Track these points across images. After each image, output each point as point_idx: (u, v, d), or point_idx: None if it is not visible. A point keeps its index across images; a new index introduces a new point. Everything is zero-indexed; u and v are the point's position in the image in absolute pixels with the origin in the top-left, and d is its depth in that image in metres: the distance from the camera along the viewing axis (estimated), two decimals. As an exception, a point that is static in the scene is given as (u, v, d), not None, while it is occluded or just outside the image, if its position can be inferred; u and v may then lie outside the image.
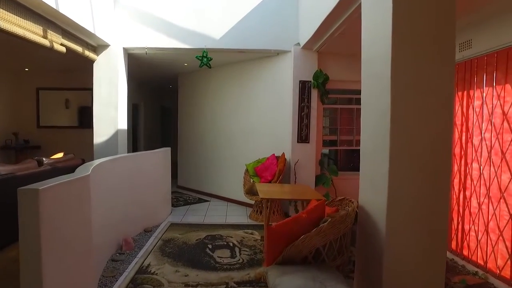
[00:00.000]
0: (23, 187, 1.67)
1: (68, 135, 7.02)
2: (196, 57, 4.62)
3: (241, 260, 3.19)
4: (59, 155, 4.14)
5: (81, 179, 2.19)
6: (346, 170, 4.93)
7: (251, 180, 4.87)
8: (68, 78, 6.92)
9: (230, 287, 2.66)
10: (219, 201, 5.86)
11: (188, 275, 2.86)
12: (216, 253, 3.37)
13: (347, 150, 5.17)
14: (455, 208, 3.28)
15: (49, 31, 3.35)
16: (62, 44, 3.64)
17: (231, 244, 3.63)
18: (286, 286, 1.68)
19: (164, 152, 4.70)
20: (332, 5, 3.04)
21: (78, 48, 4.01)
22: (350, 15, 3.07)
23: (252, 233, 4.02)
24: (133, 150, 7.65)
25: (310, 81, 4.60)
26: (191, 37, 4.63)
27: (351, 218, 2.10)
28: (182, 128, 7.02)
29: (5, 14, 2.73)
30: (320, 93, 4.68)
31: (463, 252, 3.15)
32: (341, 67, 4.66)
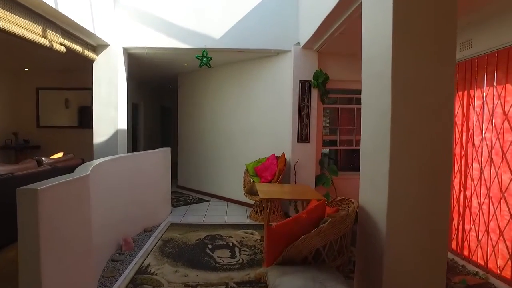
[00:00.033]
0: (22, 187, 1.67)
1: (68, 135, 7.02)
2: (196, 57, 4.62)
3: (241, 260, 3.19)
4: (59, 155, 4.13)
5: (81, 179, 2.18)
6: (346, 170, 4.93)
7: (251, 180, 4.86)
8: (68, 78, 6.91)
9: (230, 288, 2.66)
10: (219, 201, 5.85)
11: (188, 275, 2.86)
12: (216, 253, 3.36)
13: (347, 150, 5.16)
14: (456, 208, 3.27)
15: (49, 31, 3.34)
16: (62, 44, 3.63)
17: (231, 244, 3.62)
18: (286, 287, 1.68)
19: (164, 152, 4.70)
20: (332, 5, 3.03)
21: (78, 48, 4.00)
22: (350, 15, 3.07)
23: (252, 233, 4.02)
24: (133, 150, 7.65)
25: (310, 81, 4.59)
26: (191, 37, 4.62)
27: (351, 218, 2.09)
28: (182, 128, 7.01)
29: (4, 14, 2.72)
30: (320, 93, 4.68)
31: (464, 252, 3.14)
32: (341, 67, 4.65)
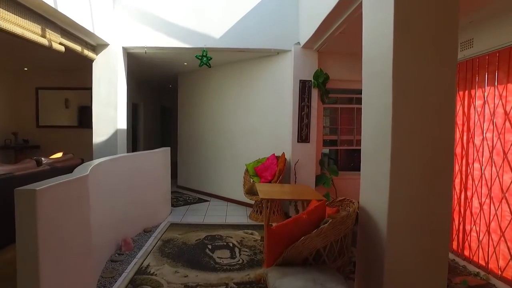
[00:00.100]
0: (20, 188, 1.65)
1: (68, 135, 7.00)
2: (196, 57, 4.60)
3: (241, 261, 3.18)
4: (58, 155, 4.11)
5: (80, 179, 2.17)
6: (347, 170, 4.92)
7: (251, 180, 4.85)
8: (68, 78, 6.89)
9: (230, 288, 2.65)
10: (219, 201, 5.84)
11: (188, 276, 2.84)
12: (216, 254, 3.35)
13: (348, 150, 5.15)
14: (456, 208, 3.26)
15: (48, 30, 3.33)
16: (61, 43, 3.62)
17: (231, 245, 3.61)
18: (286, 288, 1.66)
19: (164, 152, 4.68)
20: (333, 4, 3.02)
21: (77, 47, 3.99)
22: (351, 14, 3.05)
23: (252, 233, 4.01)
24: (133, 150, 7.63)
25: (311, 81, 4.58)
26: (191, 37, 4.61)
27: (352, 219, 2.08)
28: (182, 128, 7.00)
29: (4, 13, 2.71)
30: (321, 93, 4.67)
31: (464, 253, 3.13)
32: (342, 67, 4.64)
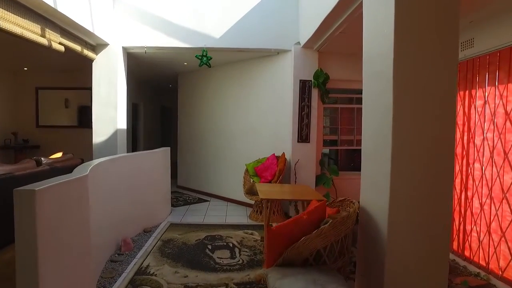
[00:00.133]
0: (19, 188, 1.65)
1: (68, 135, 6.99)
2: (196, 57, 4.59)
3: (241, 261, 3.17)
4: (58, 155, 4.10)
5: (79, 180, 2.16)
6: (347, 170, 4.91)
7: (251, 180, 4.84)
8: (68, 78, 6.88)
9: (230, 289, 2.64)
10: (219, 201, 5.83)
11: (188, 276, 2.84)
12: (216, 254, 3.34)
13: (348, 150, 5.14)
14: (457, 209, 3.25)
15: (48, 30, 3.32)
16: (61, 43, 3.61)
17: (231, 245, 3.60)
18: (287, 289, 1.66)
19: (164, 152, 4.68)
20: (333, 4, 3.01)
21: (77, 47, 3.98)
22: (351, 14, 3.05)
23: (252, 234, 4.00)
24: (133, 150, 7.62)
25: (311, 81, 4.57)
26: (191, 36, 4.60)
27: (352, 220, 2.07)
28: (182, 128, 6.99)
29: (3, 13, 2.70)
30: (321, 93, 4.66)
31: (465, 253, 3.12)
32: (342, 66, 4.63)
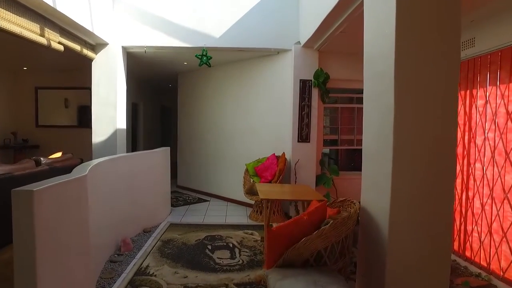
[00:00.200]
0: (17, 188, 1.63)
1: (68, 135, 6.97)
2: (196, 56, 4.58)
3: (241, 261, 3.16)
4: (57, 155, 4.09)
5: (78, 180, 2.15)
6: (347, 170, 4.90)
7: (251, 180, 4.83)
8: (67, 77, 6.87)
9: (230, 289, 2.63)
10: (219, 201, 5.82)
11: (187, 277, 2.83)
12: (216, 254, 3.33)
13: (348, 150, 5.13)
14: (458, 209, 3.24)
15: (47, 29, 3.31)
16: (60, 43, 3.59)
17: (231, 245, 3.59)
18: (287, 290, 1.64)
19: (164, 152, 4.66)
20: (333, 3, 3.00)
21: (76, 47, 3.96)
22: (352, 13, 3.03)
23: (252, 234, 3.99)
24: (133, 150, 7.61)
25: (311, 80, 4.56)
26: (191, 36, 4.58)
27: (353, 220, 2.06)
28: (182, 128, 6.98)
29: (2, 12, 2.69)
30: (321, 92, 4.65)
31: (466, 253, 3.11)
32: (342, 66, 4.62)
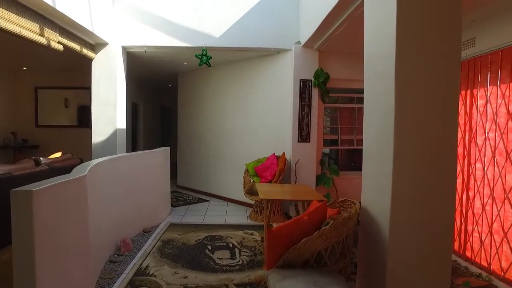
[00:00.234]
0: (16, 189, 1.62)
1: (67, 135, 6.97)
2: (196, 56, 4.57)
3: (241, 262, 3.15)
4: (57, 155, 4.08)
5: (77, 180, 2.14)
6: (347, 170, 4.89)
7: (251, 180, 4.82)
8: (67, 77, 6.86)
9: (230, 290, 2.62)
10: (219, 201, 5.81)
11: (187, 277, 2.82)
12: (216, 254, 3.32)
13: (348, 150, 5.12)
14: (458, 209, 3.23)
15: (46, 29, 3.30)
16: (60, 42, 3.59)
17: (231, 245, 3.58)
18: (287, 290, 1.64)
19: (164, 152, 4.65)
20: (334, 3, 2.99)
21: (76, 47, 3.95)
22: (352, 13, 3.02)
23: (252, 234, 3.98)
24: (133, 150, 7.60)
25: (311, 80, 4.55)
26: (191, 36, 4.58)
27: (354, 220, 2.05)
28: (182, 127, 6.97)
29: (1, 12, 2.68)
30: (321, 92, 4.64)
31: (466, 254, 3.10)
32: (342, 66, 4.61)
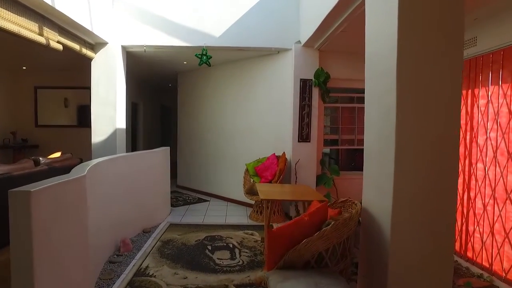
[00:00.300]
0: (14, 189, 1.61)
1: (67, 134, 6.96)
2: (196, 55, 4.56)
3: (241, 262, 3.14)
4: (57, 155, 4.07)
5: (76, 180, 2.13)
6: (348, 170, 4.88)
7: (251, 180, 4.81)
8: (67, 77, 6.85)
9: (230, 290, 2.61)
10: (219, 201, 5.80)
11: (187, 278, 2.80)
12: (216, 255, 3.31)
13: (349, 150, 5.11)
14: (459, 209, 3.22)
15: (45, 28, 3.28)
16: (59, 42, 3.57)
17: (231, 245, 3.57)
18: (288, 292, 1.62)
19: (164, 152, 4.64)
20: (334, 2, 2.97)
21: (75, 46, 3.94)
22: (353, 12, 3.01)
23: (252, 234, 3.97)
24: (132, 150, 7.59)
25: (311, 80, 4.53)
26: (191, 35, 4.56)
27: (355, 221, 2.03)
28: (182, 127, 6.95)
29: (0, 11, 2.67)
30: (321, 92, 4.62)
31: (467, 254, 3.09)
32: (343, 65, 4.60)
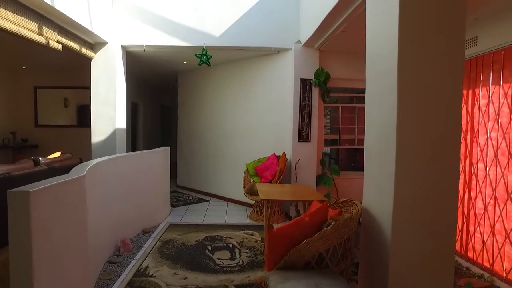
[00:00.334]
0: (13, 189, 1.60)
1: (67, 134, 6.95)
2: (196, 55, 4.55)
3: (241, 262, 3.13)
4: (56, 155, 4.06)
5: (76, 180, 2.12)
6: (348, 170, 4.87)
7: (251, 180, 4.80)
8: (66, 77, 6.84)
9: (230, 291, 2.60)
10: (219, 201, 5.79)
11: (187, 278, 2.80)
12: (216, 255, 3.30)
13: (349, 150, 5.10)
14: (460, 209, 3.21)
15: (45, 28, 3.27)
16: (59, 42, 3.56)
17: (231, 246, 3.56)
18: (288, 292, 1.61)
19: (163, 152, 4.63)
20: (334, 2, 2.97)
21: (75, 46, 3.93)
22: (353, 12, 3.00)
23: (253, 234, 3.96)
24: (132, 150, 7.58)
25: (311, 80, 4.53)
26: (191, 35, 4.55)
27: (355, 221, 2.02)
28: (182, 127, 6.95)
29: (-1, 10, 2.66)
30: (322, 92, 4.61)
31: (468, 254, 3.08)
32: (343, 65, 4.59)
